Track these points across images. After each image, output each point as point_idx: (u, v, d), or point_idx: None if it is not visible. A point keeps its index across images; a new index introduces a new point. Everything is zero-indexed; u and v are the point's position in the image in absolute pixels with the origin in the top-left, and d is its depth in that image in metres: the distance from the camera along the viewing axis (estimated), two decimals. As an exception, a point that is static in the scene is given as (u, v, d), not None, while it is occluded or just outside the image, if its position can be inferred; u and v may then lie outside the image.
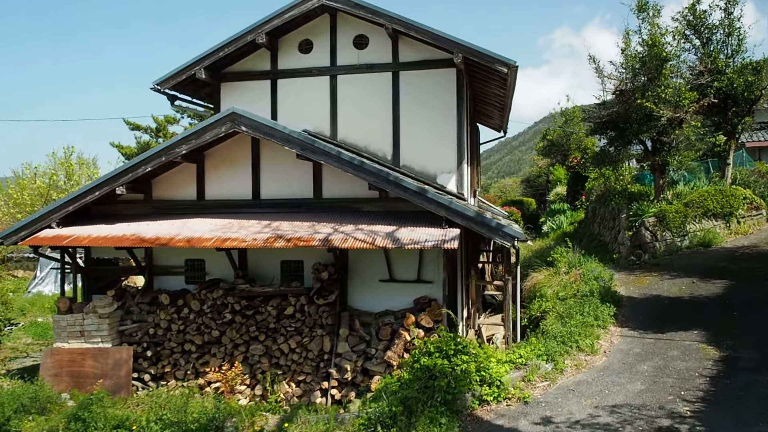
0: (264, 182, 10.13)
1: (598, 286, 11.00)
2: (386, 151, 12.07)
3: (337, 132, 12.34)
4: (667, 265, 13.58)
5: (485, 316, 15.66)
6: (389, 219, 9.14)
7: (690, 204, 15.12)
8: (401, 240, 8.27)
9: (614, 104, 16.02)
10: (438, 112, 11.83)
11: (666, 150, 15.03)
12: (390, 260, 9.60)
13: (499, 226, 8.21)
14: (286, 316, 9.29)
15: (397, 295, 9.52)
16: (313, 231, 8.83)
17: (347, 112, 12.29)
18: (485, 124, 19.51)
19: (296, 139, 8.94)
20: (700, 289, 11.18)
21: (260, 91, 12.66)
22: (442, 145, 11.82)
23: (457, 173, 11.80)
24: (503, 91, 13.05)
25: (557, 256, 14.57)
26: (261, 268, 10.15)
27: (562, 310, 10.13)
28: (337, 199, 9.75)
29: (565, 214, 25.94)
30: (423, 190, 8.52)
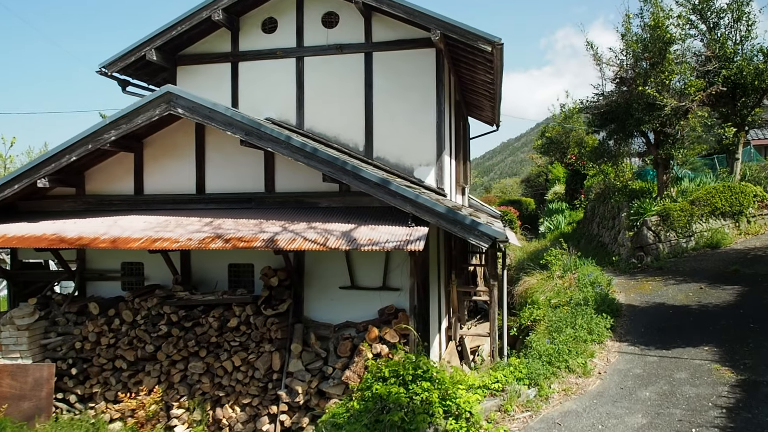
0: (210, 175, 8.86)
1: (593, 293, 9.70)
2: (358, 141, 10.81)
3: (303, 120, 11.08)
4: (672, 269, 12.28)
5: (473, 324, 14.37)
6: (349, 216, 7.86)
7: (696, 202, 13.82)
8: (358, 240, 6.98)
9: (614, 94, 14.73)
10: (415, 97, 10.57)
11: (670, 143, 13.73)
12: (352, 264, 8.32)
13: (474, 224, 6.92)
14: (229, 328, 8.00)
15: (360, 305, 8.24)
16: (259, 230, 7.55)
17: (315, 98, 11.03)
18: (477, 118, 18.28)
19: (239, 123, 7.67)
20: (710, 297, 9.88)
21: (220, 75, 11.40)
22: (419, 135, 10.55)
23: (436, 166, 10.52)
24: (491, 76, 11.78)
25: (551, 259, 13.28)
26: (206, 272, 8.88)
27: (553, 321, 8.82)
28: (292, 193, 8.47)
29: (564, 213, 24.65)
30: (385, 182, 7.23)
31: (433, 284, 9.16)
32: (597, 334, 8.03)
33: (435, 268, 9.49)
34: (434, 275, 9.35)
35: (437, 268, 9.66)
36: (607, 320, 8.45)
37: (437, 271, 9.66)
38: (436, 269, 9.60)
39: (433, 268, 9.30)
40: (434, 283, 9.33)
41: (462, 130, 15.24)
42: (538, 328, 9.73)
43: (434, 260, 9.40)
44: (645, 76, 13.08)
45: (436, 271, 9.56)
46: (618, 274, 12.78)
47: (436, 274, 9.58)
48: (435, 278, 9.43)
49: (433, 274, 9.17)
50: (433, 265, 9.32)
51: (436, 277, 9.52)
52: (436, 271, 9.56)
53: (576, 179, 24.77)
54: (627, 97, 13.95)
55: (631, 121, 13.65)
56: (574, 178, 25.04)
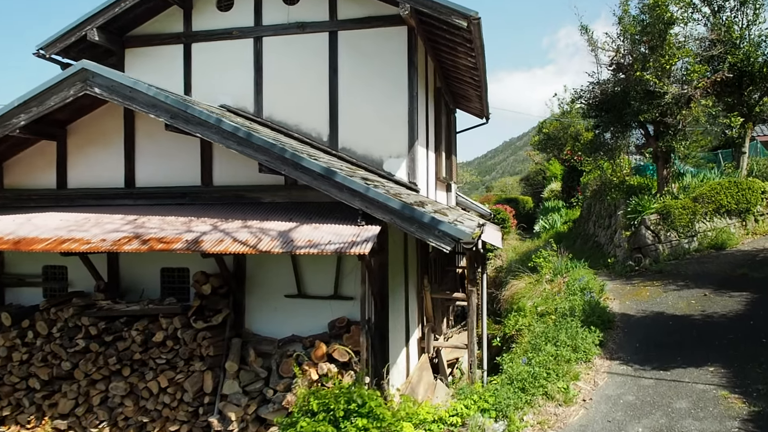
0: (140, 167, 7.73)
1: (581, 301, 8.56)
2: (322, 130, 9.68)
3: (262, 107, 9.96)
4: (673, 272, 11.12)
5: (458, 331, 13.24)
6: (294, 213, 6.74)
7: (699, 199, 12.66)
8: (295, 242, 5.86)
9: (610, 81, 13.58)
10: (385, 81, 9.44)
11: (671, 134, 12.56)
12: (299, 269, 7.20)
13: (434, 223, 5.78)
14: (155, 343, 6.88)
15: (309, 316, 7.11)
16: (186, 229, 6.43)
17: (275, 83, 9.91)
18: (466, 110, 17.12)
19: (164, 104, 6.53)
20: (715, 305, 8.73)
21: (171, 58, 10.28)
22: (389, 123, 9.42)
23: (408, 158, 9.39)
24: (472, 59, 10.65)
25: (540, 261, 12.14)
26: (137, 277, 7.77)
27: (534, 336, 7.68)
28: (231, 187, 7.35)
29: (560, 212, 23.48)
30: (329, 173, 6.09)
31: (397, 291, 8.04)
32: (583, 352, 6.88)
33: (400, 273, 8.36)
34: (399, 281, 8.23)
35: (404, 273, 8.52)
36: (596, 335, 7.29)
37: (404, 276, 8.52)
38: (403, 274, 8.47)
39: (398, 273, 8.17)
40: (399, 289, 8.21)
41: (446, 122, 14.11)
42: (521, 340, 8.61)
43: (399, 263, 8.27)
44: (643, 61, 11.93)
45: (402, 276, 8.43)
46: (613, 277, 11.63)
47: (403, 279, 8.45)
48: (400, 284, 8.30)
49: (396, 279, 8.04)
50: (398, 268, 8.19)
51: (402, 282, 8.39)
52: (402, 276, 8.43)
53: (573, 176, 23.58)
54: (624, 85, 12.81)
55: (628, 110, 12.50)
56: (571, 175, 23.85)
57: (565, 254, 12.80)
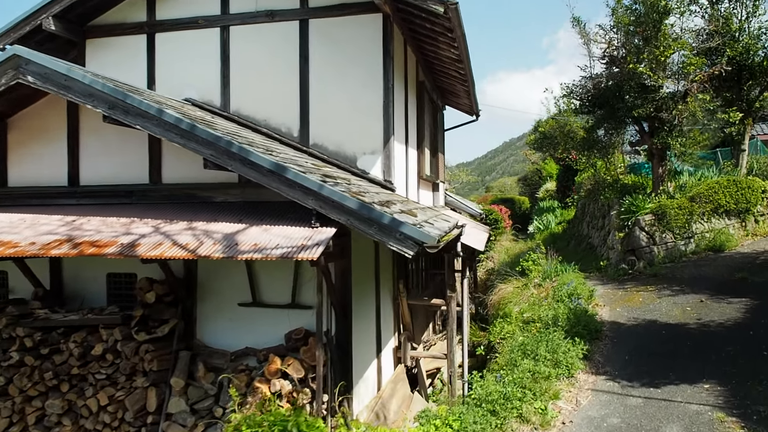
0: (85, 164, 7.10)
1: (566, 309, 7.93)
2: (292, 125, 9.05)
3: (229, 101, 9.33)
4: (668, 276, 10.50)
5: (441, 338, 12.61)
6: (246, 213, 6.12)
7: (697, 198, 12.03)
8: (239, 246, 5.24)
9: (603, 76, 12.96)
10: (359, 73, 8.81)
11: (666, 130, 11.93)
12: (254, 275, 6.58)
13: (395, 224, 5.16)
14: (94, 357, 6.26)
15: (265, 327, 6.49)
16: (125, 231, 5.81)
17: (242, 74, 9.27)
18: (455, 107, 16.50)
19: (101, 93, 5.91)
20: (712, 312, 8.11)
21: (134, 49, 9.65)
22: (363, 118, 8.79)
23: (383, 154, 8.76)
24: (455, 51, 10.02)
25: (528, 264, 11.52)
26: (81, 284, 7.14)
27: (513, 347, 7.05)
28: (182, 185, 6.72)
29: (554, 212, 22.87)
30: (280, 168, 5.46)
31: (365, 298, 7.41)
32: (566, 366, 6.25)
33: (370, 278, 7.73)
34: (368, 287, 7.60)
35: (374, 278, 7.89)
36: (579, 347, 6.66)
37: (374, 282, 7.89)
38: (373, 279, 7.84)
39: (366, 278, 7.55)
40: (368, 296, 7.58)
41: (431, 118, 13.51)
42: (502, 350, 7.98)
43: (367, 268, 7.64)
44: (637, 53, 11.30)
45: (372, 282, 7.80)
46: (605, 281, 11.02)
47: (373, 285, 7.82)
48: (370, 290, 7.68)
49: (365, 285, 7.42)
50: (366, 274, 7.57)
51: (372, 288, 7.76)
52: (372, 282, 7.80)
53: (568, 175, 22.96)
54: (618, 79, 12.19)
55: (621, 105, 11.88)
56: (566, 174, 23.23)
57: (554, 257, 12.16)
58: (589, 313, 7.99)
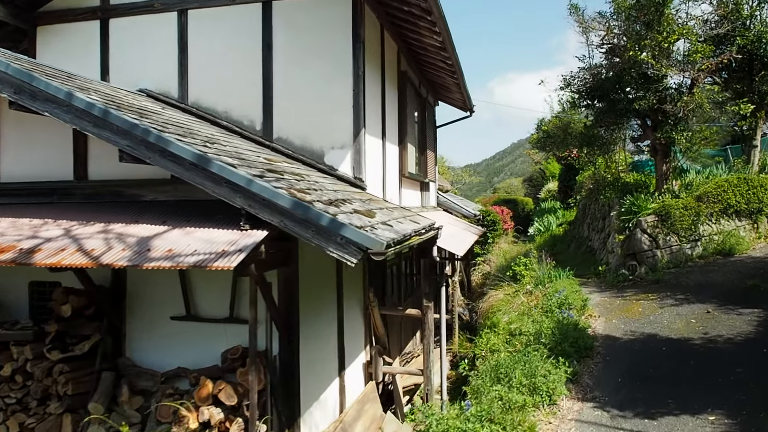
0: (5, 159, 6.30)
1: (552, 323, 7.04)
2: (254, 118, 8.24)
3: (187, 91, 8.52)
4: (671, 283, 9.58)
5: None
6: (175, 213, 5.29)
7: (704, 198, 11.08)
8: (151, 253, 4.41)
9: (602, 66, 12.05)
10: (327, 60, 7.98)
11: (670, 124, 11.00)
12: (187, 284, 5.76)
13: (335, 227, 4.31)
14: (3, 378, 5.46)
15: (201, 343, 5.66)
16: (32, 234, 5.00)
17: (202, 63, 8.47)
18: (449, 102, 15.66)
19: (6, 76, 5.10)
20: (720, 325, 7.19)
21: (87, 36, 8.86)
22: (331, 109, 7.96)
23: (352, 149, 7.93)
24: (437, 36, 9.16)
25: (520, 269, 10.64)
26: (4, 293, 6.35)
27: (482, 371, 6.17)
28: (109, 181, 5.89)
29: (556, 213, 21.92)
30: (202, 161, 4.63)
31: (324, 310, 6.57)
32: (546, 393, 5.36)
33: (330, 287, 6.88)
34: (327, 297, 6.75)
35: (336, 287, 7.03)
36: (563, 369, 5.76)
37: (336, 291, 7.03)
38: (334, 288, 6.98)
39: (325, 287, 6.70)
40: (328, 308, 6.73)
41: (419, 113, 12.67)
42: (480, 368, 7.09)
43: (326, 275, 6.80)
44: (638, 40, 10.38)
45: (333, 291, 6.94)
46: (603, 288, 10.11)
47: (334, 294, 6.96)
48: (330, 301, 6.82)
49: (322, 295, 6.57)
50: (325, 282, 6.72)
51: (333, 299, 6.90)
52: (333, 291, 6.94)
53: (570, 175, 22.00)
54: (617, 69, 11.27)
55: (622, 97, 10.96)
56: (568, 174, 22.26)
57: (549, 261, 11.26)
58: (580, 327, 7.10)
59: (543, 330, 6.78)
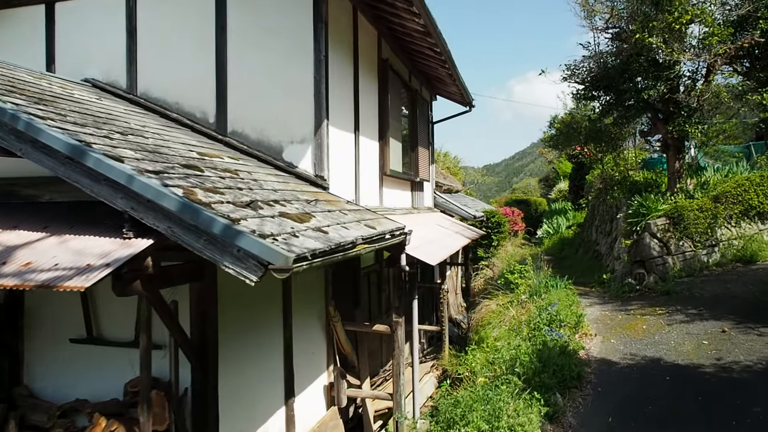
0: None
1: (530, 348, 6.01)
2: (207, 109, 7.38)
3: (136, 81, 7.71)
4: (683, 295, 8.48)
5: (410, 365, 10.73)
6: (64, 216, 4.39)
7: (722, 198, 9.93)
8: (3, 268, 3.54)
9: (607, 53, 10.95)
10: (286, 44, 7.07)
11: (683, 116, 9.86)
12: (88, 301, 4.89)
13: (230, 236, 3.38)
14: None
15: (105, 371, 4.78)
16: None
17: (151, 49, 7.65)
18: (447, 96, 14.68)
19: None
20: (737, 348, 6.11)
21: (33, 23, 8.11)
22: (291, 98, 7.05)
23: (314, 143, 7.01)
24: (419, 20, 8.19)
25: (513, 278, 9.61)
26: None
27: (448, 405, 5.17)
28: (2, 179, 5.06)
29: (566, 214, 20.73)
30: (78, 153, 3.75)
31: (264, 330, 5.65)
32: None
33: (271, 301, 5.94)
34: (266, 313, 5.82)
35: (281, 300, 6.09)
36: (536, 408, 4.73)
37: (281, 305, 6.09)
38: (278, 302, 6.05)
39: (263, 302, 5.77)
40: (268, 327, 5.80)
41: (409, 106, 11.72)
42: (441, 405, 6.06)
43: (268, 287, 5.86)
44: (646, 21, 9.27)
45: (276, 305, 6.01)
46: (606, 300, 9.03)
47: (278, 309, 6.03)
48: (270, 318, 5.89)
49: (257, 312, 5.64)
50: (264, 295, 5.79)
51: (276, 314, 5.97)
52: (276, 305, 6.01)
53: (580, 173, 20.78)
54: (625, 55, 10.17)
55: (629, 86, 9.86)
56: (578, 173, 21.05)
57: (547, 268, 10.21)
58: (571, 349, 6.06)
59: (519, 356, 5.76)
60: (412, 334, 7.26)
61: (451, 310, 15.11)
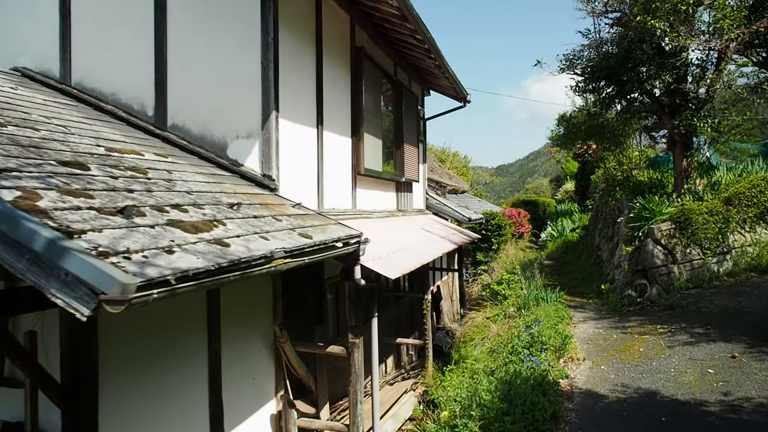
0: None
1: (491, 385, 5.07)
2: (146, 100, 6.55)
3: (70, 70, 6.93)
4: (689, 310, 7.48)
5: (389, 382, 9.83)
6: None
7: (735, 200, 8.90)
8: None
9: (609, 42, 9.95)
10: (232, 26, 6.23)
11: (691, 108, 8.85)
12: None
13: (56, 254, 2.54)
14: None
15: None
16: None
17: (87, 35, 6.85)
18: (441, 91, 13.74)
19: None
20: (749, 379, 5.13)
21: (-35, 7, 7.40)
22: (237, 87, 6.20)
23: (261, 138, 6.14)
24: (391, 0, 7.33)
25: (501, 289, 8.67)
26: None
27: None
28: None
29: (572, 216, 19.67)
30: None
31: (177, 356, 4.78)
32: None
33: (194, 321, 5.07)
34: (185, 338, 4.95)
35: (206, 319, 5.22)
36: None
37: (206, 327, 5.21)
38: (202, 321, 5.18)
39: (183, 322, 4.90)
40: (186, 353, 4.93)
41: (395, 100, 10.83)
42: None
43: (188, 304, 4.99)
44: (648, 2, 8.27)
45: (199, 326, 5.14)
46: (602, 314, 8.06)
47: (202, 332, 5.15)
48: (194, 342, 5.02)
49: (177, 335, 4.77)
50: (182, 314, 4.92)
51: (198, 338, 5.10)
52: (199, 326, 5.14)
53: (586, 173, 19.70)
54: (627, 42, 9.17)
55: (631, 75, 8.87)
56: (584, 172, 19.97)
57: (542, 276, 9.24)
58: (549, 380, 5.12)
59: (479, 393, 4.83)
60: (371, 358, 6.36)
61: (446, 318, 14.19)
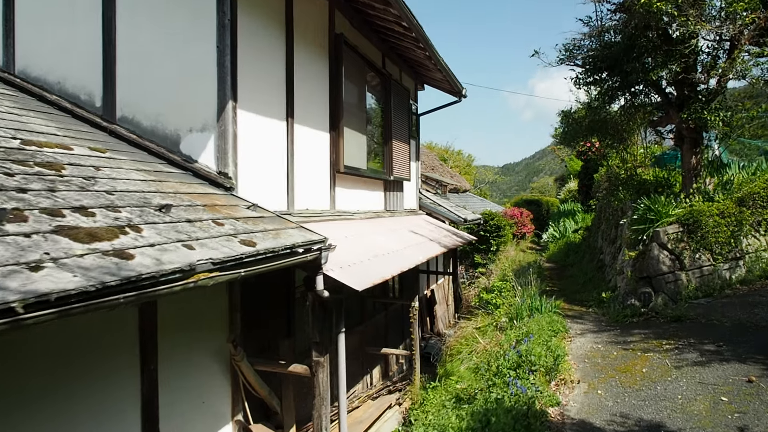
0: None
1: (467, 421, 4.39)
2: (93, 90, 5.92)
3: (14, 57, 6.32)
4: (698, 322, 6.75)
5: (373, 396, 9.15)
6: None
7: (749, 201, 8.16)
8: None
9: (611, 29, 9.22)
10: (186, 8, 5.59)
11: (701, 100, 8.10)
12: None
13: None
14: None
15: None
16: None
17: (31, 19, 6.27)
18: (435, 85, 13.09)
19: None
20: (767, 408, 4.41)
21: None
22: (189, 75, 5.55)
23: (216, 132, 5.47)
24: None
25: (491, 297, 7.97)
26: None
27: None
28: None
29: (575, 216, 18.90)
30: None
31: (95, 383, 4.11)
32: None
33: (119, 339, 4.40)
34: (109, 361, 4.28)
35: (138, 338, 4.55)
36: None
37: (138, 353, 4.54)
38: (133, 339, 4.50)
39: (105, 342, 4.23)
40: (108, 379, 4.25)
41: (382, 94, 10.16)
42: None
43: (111, 320, 4.32)
44: (653, -15, 7.52)
45: (129, 346, 4.46)
46: (602, 326, 7.33)
47: (134, 357, 4.48)
48: (121, 367, 4.34)
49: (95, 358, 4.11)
50: (104, 330, 4.25)
51: (126, 361, 4.43)
52: (129, 346, 4.46)
53: (589, 171, 18.92)
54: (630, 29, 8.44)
55: (635, 65, 8.14)
56: (587, 171, 19.18)
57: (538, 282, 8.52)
58: (536, 410, 4.43)
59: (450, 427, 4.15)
60: (338, 378, 5.68)
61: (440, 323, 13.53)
